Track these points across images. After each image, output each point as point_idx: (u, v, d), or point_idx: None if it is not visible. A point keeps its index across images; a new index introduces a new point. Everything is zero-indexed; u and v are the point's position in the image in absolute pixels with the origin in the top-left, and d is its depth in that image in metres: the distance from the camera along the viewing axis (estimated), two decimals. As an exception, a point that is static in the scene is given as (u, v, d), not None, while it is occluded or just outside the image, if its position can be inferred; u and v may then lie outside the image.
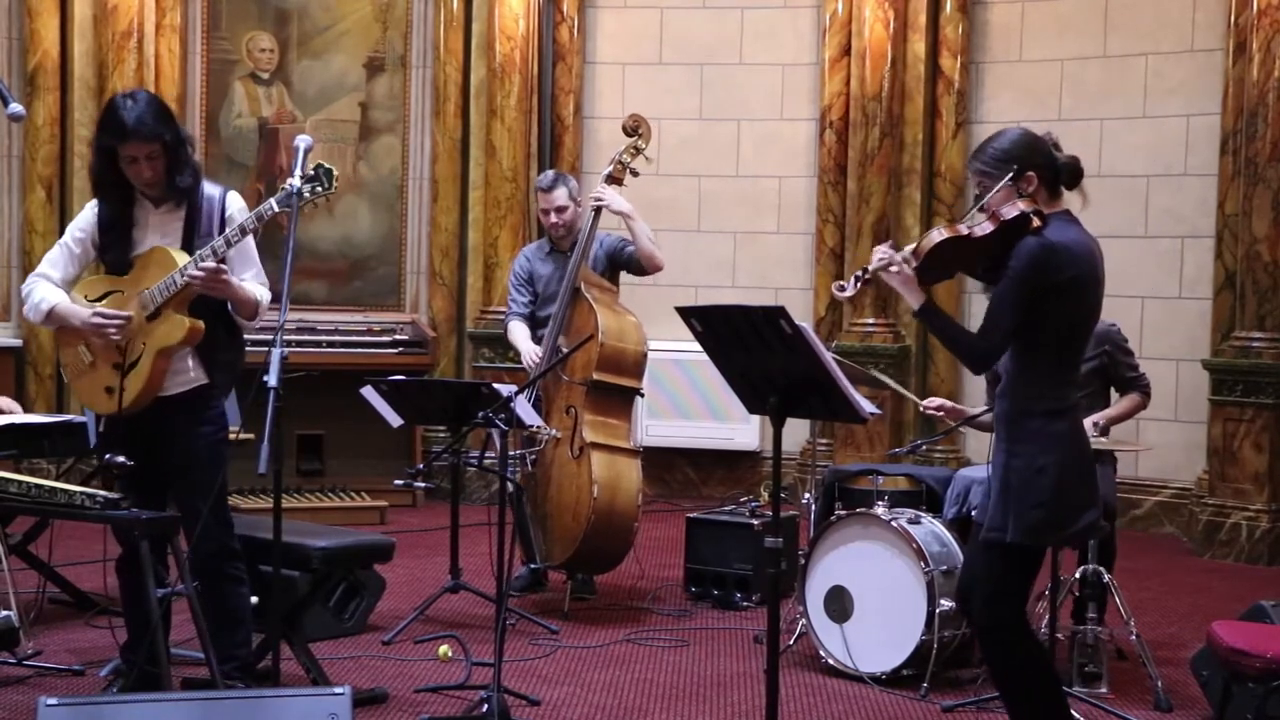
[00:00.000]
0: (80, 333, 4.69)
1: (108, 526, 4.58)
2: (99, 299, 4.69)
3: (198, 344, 4.65)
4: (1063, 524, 4.05)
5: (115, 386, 4.64)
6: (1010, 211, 3.93)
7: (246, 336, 4.90)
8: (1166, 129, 8.71)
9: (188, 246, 4.64)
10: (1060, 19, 9.03)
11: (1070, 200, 4.13)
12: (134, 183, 4.63)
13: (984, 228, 3.96)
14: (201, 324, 4.61)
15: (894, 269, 3.99)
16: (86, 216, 4.79)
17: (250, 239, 4.69)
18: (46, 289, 4.73)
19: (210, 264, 4.49)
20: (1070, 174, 4.09)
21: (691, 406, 9.29)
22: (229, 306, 4.69)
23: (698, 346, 4.23)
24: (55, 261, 4.78)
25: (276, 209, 4.51)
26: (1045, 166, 4.04)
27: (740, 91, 9.61)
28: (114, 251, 4.71)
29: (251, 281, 4.72)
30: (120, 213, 4.69)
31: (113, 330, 4.59)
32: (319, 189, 4.53)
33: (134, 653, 4.69)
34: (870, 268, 4.03)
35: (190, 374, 4.70)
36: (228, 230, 4.59)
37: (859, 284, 4.02)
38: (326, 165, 4.57)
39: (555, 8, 9.52)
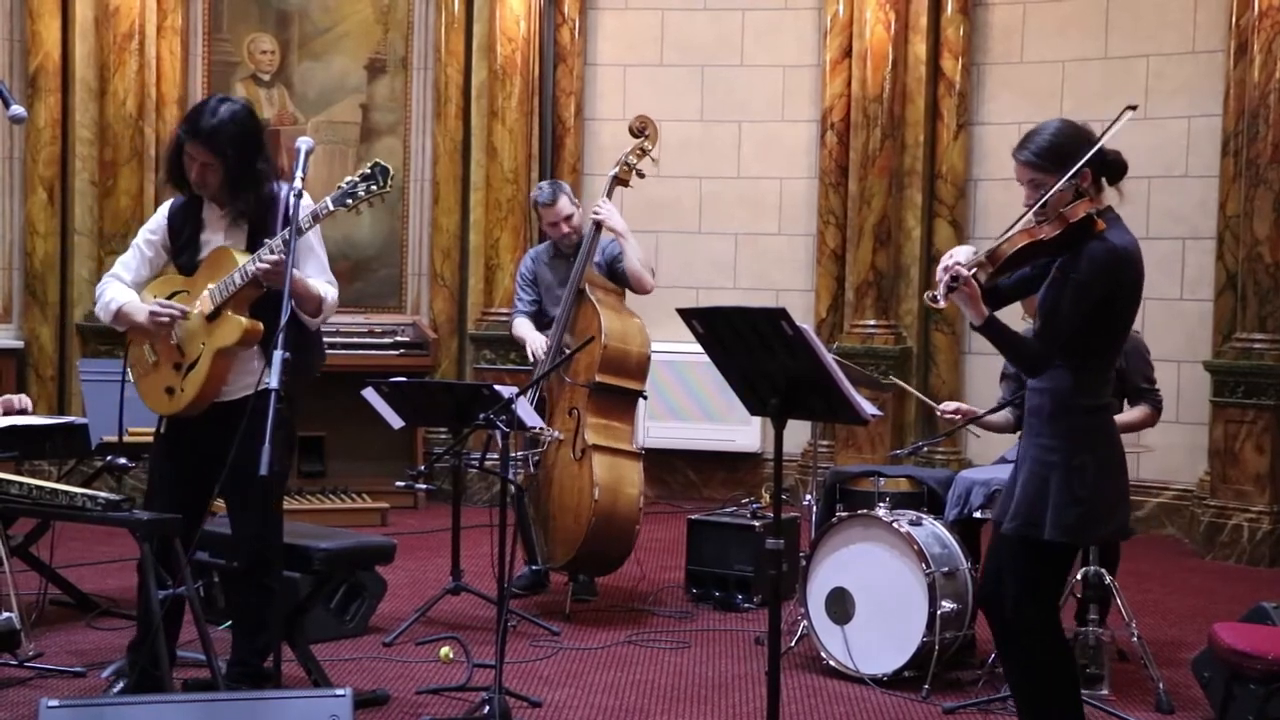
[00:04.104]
0: (146, 331, 4.69)
1: (112, 528, 4.57)
2: (168, 298, 4.69)
3: (265, 346, 4.60)
4: (1099, 522, 4.03)
5: (175, 387, 4.64)
6: (1077, 213, 3.90)
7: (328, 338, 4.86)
8: (1168, 130, 8.71)
9: (253, 247, 4.62)
10: (1061, 20, 9.03)
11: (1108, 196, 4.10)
12: (191, 179, 4.64)
13: (1053, 228, 3.91)
14: (260, 325, 4.57)
15: (961, 280, 3.83)
16: (158, 219, 4.82)
17: (313, 236, 4.67)
18: (117, 289, 4.75)
19: (275, 256, 4.45)
20: (1116, 170, 4.06)
21: (692, 408, 9.30)
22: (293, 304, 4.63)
23: (699, 348, 4.24)
24: (127, 263, 4.82)
25: (331, 208, 4.49)
26: (1095, 161, 4.01)
27: (741, 93, 9.62)
28: (185, 253, 4.73)
29: (316, 278, 4.69)
30: (191, 211, 4.71)
31: (167, 320, 4.59)
32: (374, 188, 4.51)
33: (138, 653, 4.69)
34: (946, 280, 3.82)
35: (254, 377, 4.59)
36: (258, 252, 4.54)
37: (950, 293, 3.85)
38: (383, 164, 4.54)
39: (556, 9, 9.53)
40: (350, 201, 4.52)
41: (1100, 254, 3.91)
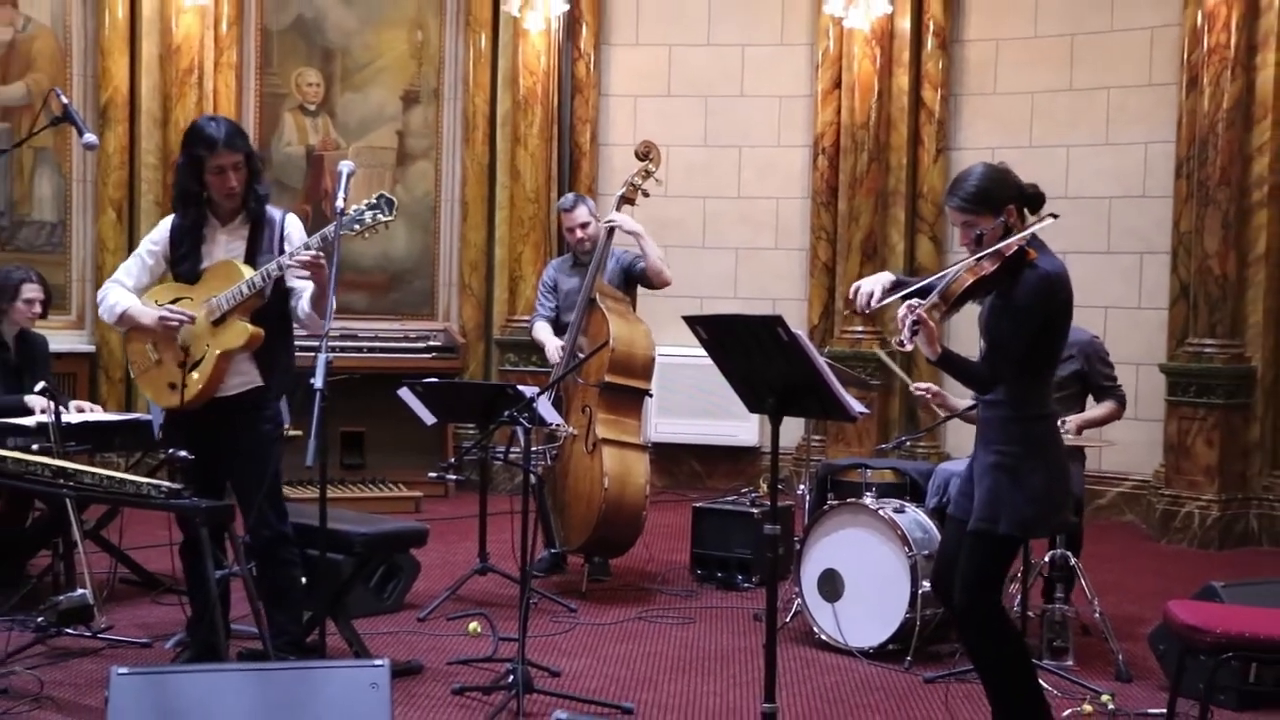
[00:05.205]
0: (148, 331, 4.72)
1: (171, 514, 4.60)
2: (169, 304, 4.72)
3: (256, 349, 4.67)
4: (1049, 518, 4.07)
5: (178, 383, 4.67)
6: (1011, 247, 3.92)
7: (298, 341, 4.93)
8: (1127, 155, 8.71)
9: (250, 261, 4.68)
10: (1031, 55, 9.02)
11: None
12: (217, 194, 4.66)
13: (991, 263, 3.93)
14: (262, 331, 4.64)
15: (922, 323, 3.85)
16: (160, 231, 4.83)
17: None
18: (120, 293, 4.78)
19: (309, 253, 4.47)
20: (1037, 201, 4.08)
21: (697, 406, 9.29)
22: (300, 307, 4.67)
23: (703, 352, 4.24)
24: (129, 271, 4.83)
25: (341, 232, 4.50)
26: (1017, 198, 4.03)
27: (741, 121, 9.62)
28: (186, 263, 4.74)
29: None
30: (194, 228, 4.72)
31: (176, 325, 4.62)
32: (380, 216, 4.53)
33: (198, 628, 4.72)
34: (909, 324, 3.85)
35: (247, 376, 4.72)
36: (296, 245, 4.61)
37: (913, 337, 3.87)
38: (389, 195, 4.55)
39: (573, 45, 9.54)
40: (358, 227, 4.53)
41: (1035, 281, 3.93)
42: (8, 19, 8.77)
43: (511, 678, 4.69)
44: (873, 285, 4.17)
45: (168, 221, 4.83)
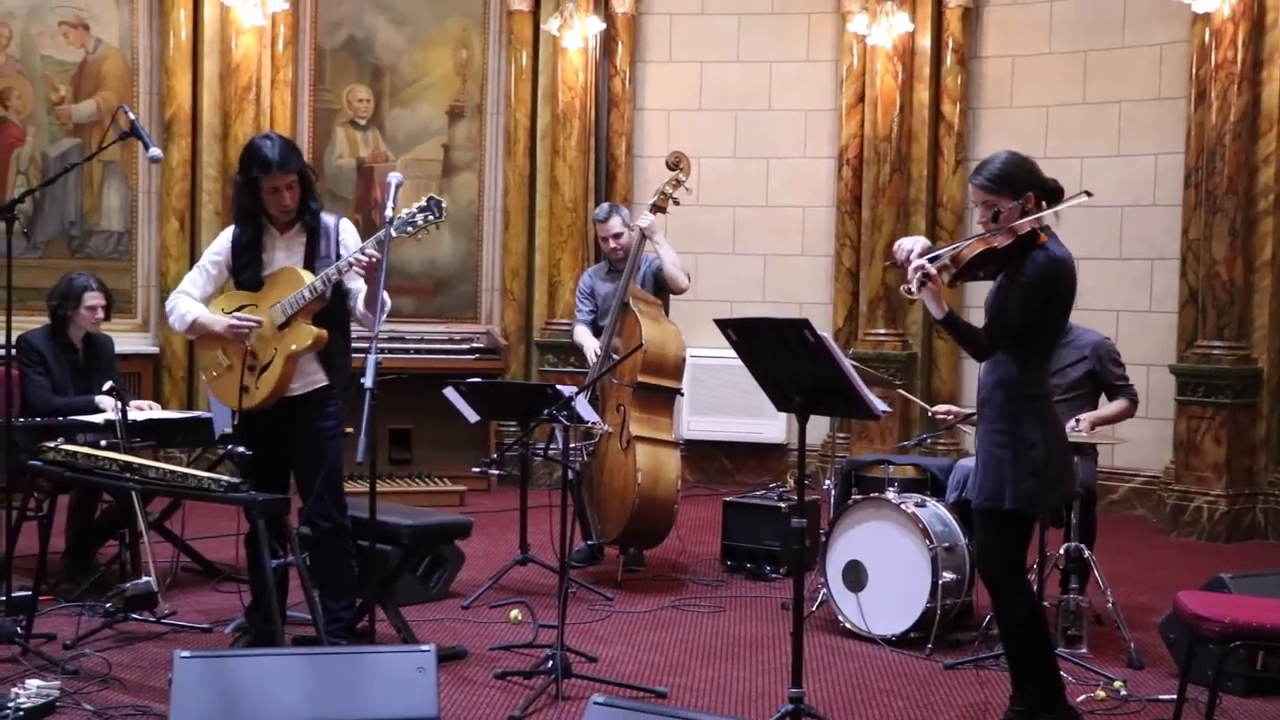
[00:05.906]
0: (218, 338, 4.74)
1: (236, 507, 4.61)
2: (234, 311, 4.74)
3: (320, 350, 4.69)
4: (1051, 489, 4.06)
5: (250, 385, 4.69)
6: (1025, 227, 3.95)
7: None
8: (1138, 166, 8.64)
9: (309, 267, 4.70)
10: (1046, 70, 8.97)
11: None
12: (273, 210, 4.68)
13: (1004, 239, 3.96)
14: (325, 333, 4.66)
15: (931, 278, 3.93)
16: (221, 243, 4.85)
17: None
18: (188, 304, 4.81)
19: (367, 256, 4.49)
20: (1056, 195, 4.09)
21: (727, 405, 9.26)
22: (356, 307, 4.69)
23: (733, 353, 4.23)
24: (194, 281, 4.86)
25: (395, 234, 4.50)
26: (1039, 186, 4.05)
27: (769, 133, 9.59)
28: (248, 272, 4.76)
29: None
30: (254, 239, 4.74)
31: (246, 331, 4.64)
32: (430, 217, 4.55)
33: (256, 614, 4.73)
34: (919, 277, 3.94)
35: (314, 375, 4.74)
36: (352, 248, 4.66)
37: (920, 288, 3.95)
38: (437, 198, 4.57)
39: (610, 62, 9.54)
40: (410, 229, 4.55)
41: (1044, 261, 3.97)
42: (79, 41, 8.86)
43: (551, 663, 4.69)
44: (912, 243, 4.18)
45: (228, 234, 4.85)
